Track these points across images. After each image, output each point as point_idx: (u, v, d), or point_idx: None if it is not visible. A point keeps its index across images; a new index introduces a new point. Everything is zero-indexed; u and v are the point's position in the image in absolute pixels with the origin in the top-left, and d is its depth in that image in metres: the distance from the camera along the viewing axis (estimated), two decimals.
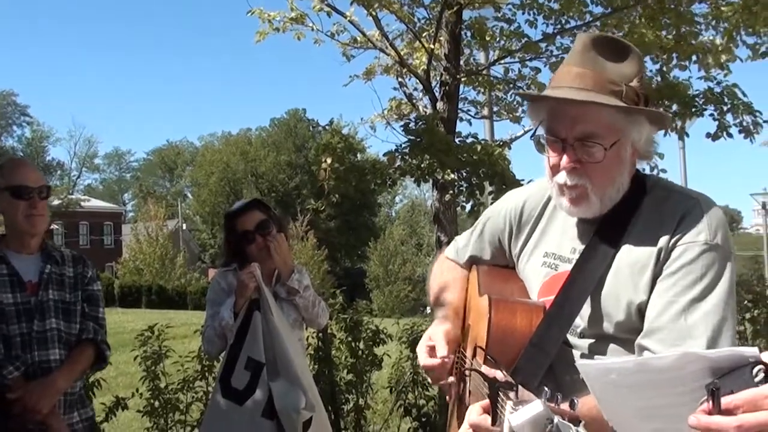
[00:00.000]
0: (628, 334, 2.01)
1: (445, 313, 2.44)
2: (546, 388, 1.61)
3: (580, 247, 2.15)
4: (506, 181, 6.91)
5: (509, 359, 2.05)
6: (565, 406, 1.44)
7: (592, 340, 2.08)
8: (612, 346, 2.05)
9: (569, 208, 2.10)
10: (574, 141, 2.01)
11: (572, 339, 2.10)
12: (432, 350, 2.26)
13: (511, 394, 1.59)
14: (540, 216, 2.31)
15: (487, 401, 1.74)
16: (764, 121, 8.38)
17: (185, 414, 6.73)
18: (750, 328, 10.29)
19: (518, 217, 2.35)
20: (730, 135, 8.22)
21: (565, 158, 2.03)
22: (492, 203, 2.69)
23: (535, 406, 1.52)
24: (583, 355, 2.08)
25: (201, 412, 6.75)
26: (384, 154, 7.44)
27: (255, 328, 3.79)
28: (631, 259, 2.03)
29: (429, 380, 2.19)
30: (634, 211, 2.09)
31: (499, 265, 2.44)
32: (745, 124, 8.19)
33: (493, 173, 6.93)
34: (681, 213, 2.02)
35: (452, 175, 6.96)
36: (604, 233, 2.10)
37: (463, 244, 2.55)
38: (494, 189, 7.02)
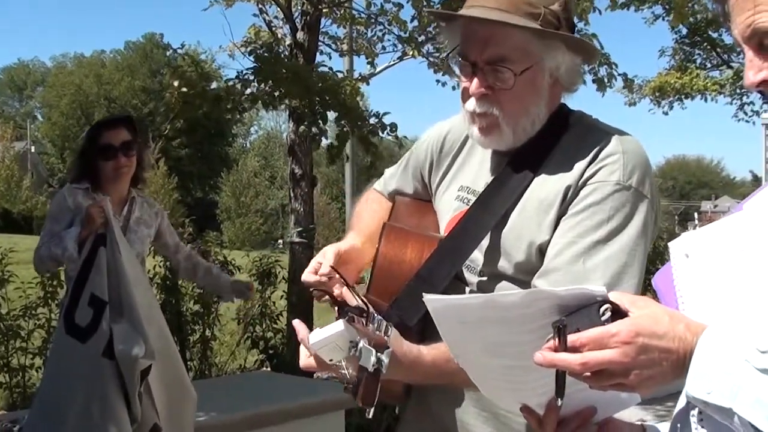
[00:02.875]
0: (526, 275, 1.90)
1: (348, 236, 2.26)
2: (374, 313, 1.59)
3: (491, 179, 2.03)
4: (354, 114, 6.89)
5: (394, 291, 1.96)
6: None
7: (486, 278, 1.99)
8: (504, 285, 1.95)
9: (479, 137, 1.97)
10: (484, 65, 1.88)
11: (468, 276, 2.01)
12: (318, 267, 2.07)
13: (363, 320, 1.55)
14: (460, 148, 2.17)
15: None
16: (619, 74, 8.61)
17: (27, 341, 6.61)
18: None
19: (439, 148, 2.21)
20: (583, 82, 8.39)
21: (474, 83, 1.90)
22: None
23: (335, 327, 1.51)
24: (472, 293, 1.99)
25: (43, 339, 6.59)
26: (226, 81, 7.32)
27: (100, 264, 3.65)
28: (539, 197, 1.92)
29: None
30: (551, 146, 1.96)
31: (421, 199, 2.30)
32: (600, 75, 8.36)
33: (336, 102, 6.86)
34: (596, 151, 1.89)
35: (295, 102, 6.86)
36: (516, 167, 1.97)
37: (389, 176, 2.40)
38: (341, 119, 6.96)
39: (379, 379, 1.49)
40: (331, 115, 7.08)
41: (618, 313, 1.29)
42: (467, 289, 2.01)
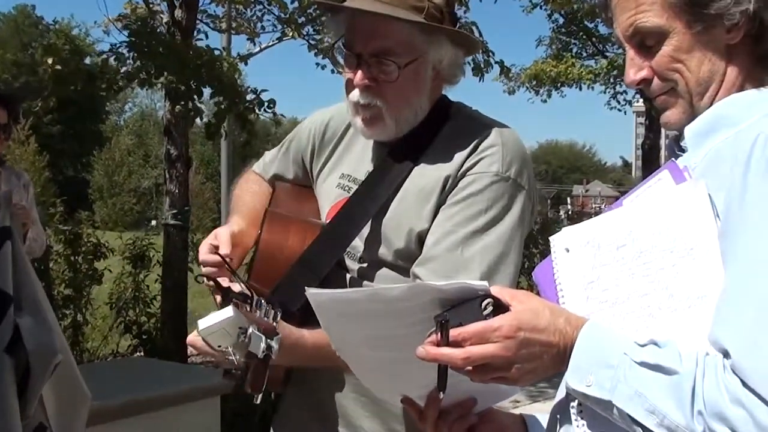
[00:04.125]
0: (406, 262, 1.94)
1: (234, 219, 2.23)
2: (261, 300, 1.58)
3: (373, 169, 2.05)
4: (232, 90, 6.78)
5: (276, 277, 1.96)
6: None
7: (366, 265, 2.01)
8: (384, 272, 1.98)
9: (363, 129, 1.98)
10: (369, 57, 1.90)
11: (350, 263, 2.03)
12: (215, 249, 2.05)
13: (247, 306, 1.55)
14: (342, 136, 2.17)
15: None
16: (496, 62, 8.74)
17: None
18: None
19: (321, 135, 2.20)
20: (463, 72, 8.44)
21: (359, 75, 1.90)
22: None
23: (224, 313, 1.49)
24: (353, 279, 2.02)
25: None
26: (99, 54, 7.10)
27: (5, 256, 3.46)
28: (418, 186, 1.96)
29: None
30: (431, 137, 1.99)
31: (301, 184, 2.29)
32: (477, 61, 8.46)
33: (213, 77, 6.74)
34: (476, 142, 1.93)
35: (171, 78, 6.70)
36: (397, 157, 2.00)
37: (270, 160, 2.37)
38: (218, 95, 6.83)
39: (268, 365, 1.50)
40: (208, 91, 6.94)
41: (500, 308, 1.31)
42: (348, 276, 2.02)
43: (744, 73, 1.42)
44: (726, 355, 1.18)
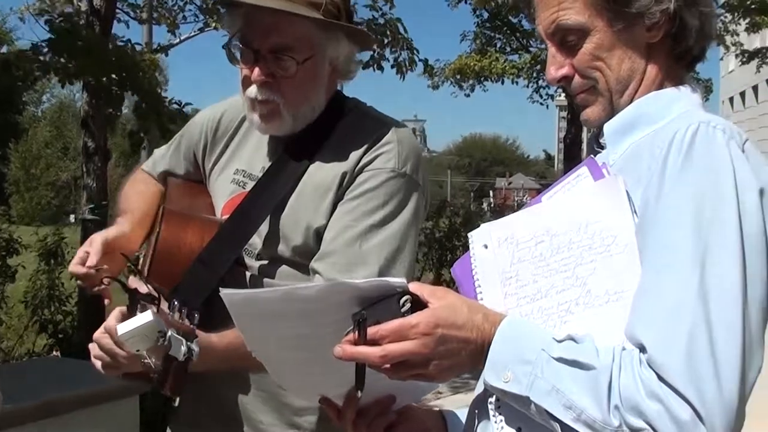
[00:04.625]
0: (305, 258, 1.95)
1: (118, 221, 2.22)
2: (176, 301, 1.56)
3: (269, 165, 2.05)
4: (154, 100, 6.66)
5: (176, 275, 1.93)
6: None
7: (266, 262, 2.01)
8: (284, 269, 1.99)
9: (260, 124, 1.98)
10: (267, 53, 1.90)
11: (249, 260, 2.02)
12: (86, 257, 2.04)
13: (154, 308, 1.52)
14: (236, 131, 2.17)
15: (124, 308, 1.66)
16: (420, 60, 8.78)
17: None
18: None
19: (214, 130, 2.19)
20: (381, 68, 8.45)
21: (256, 71, 1.91)
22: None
23: (145, 317, 1.48)
24: (253, 277, 2.01)
25: None
26: (20, 52, 6.89)
27: None
28: (315, 181, 1.97)
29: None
30: (328, 132, 2.01)
31: (193, 180, 2.27)
32: (400, 59, 8.48)
33: (135, 85, 6.61)
34: (372, 139, 1.96)
35: (90, 79, 6.56)
36: (294, 153, 2.01)
37: (159, 156, 2.34)
38: (141, 104, 6.71)
39: (187, 368, 1.50)
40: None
41: (418, 304, 1.29)
42: (248, 273, 2.02)
43: (663, 71, 1.44)
44: (642, 349, 1.20)
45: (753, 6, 14.29)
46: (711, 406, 1.14)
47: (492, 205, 16.23)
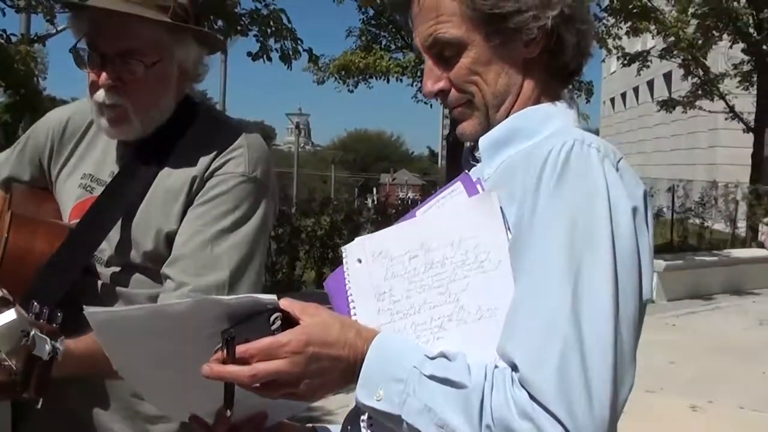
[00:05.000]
0: (156, 264, 1.93)
1: None
2: (35, 302, 1.50)
3: (118, 170, 2.02)
4: (24, 85, 6.41)
5: (25, 281, 1.88)
6: None
7: (118, 269, 1.97)
8: (137, 277, 1.96)
9: (108, 129, 1.94)
10: (115, 57, 1.87)
11: (99, 267, 1.98)
12: None
13: (17, 306, 1.46)
14: (83, 135, 2.12)
15: None
16: (304, 50, 8.79)
17: None
18: (275, 246, 10.94)
19: (61, 134, 2.14)
20: (269, 59, 8.46)
21: (104, 75, 1.87)
22: None
23: (8, 316, 1.42)
24: (104, 285, 1.97)
25: None
26: None
27: None
28: (166, 186, 1.95)
29: None
30: (177, 137, 1.99)
31: (38, 186, 2.20)
32: (285, 49, 8.47)
33: (9, 76, 6.34)
34: (223, 143, 1.96)
35: None
36: (144, 157, 1.98)
37: (2, 161, 2.25)
38: (15, 95, 6.45)
39: (51, 368, 1.45)
40: None
41: (289, 321, 1.27)
42: (99, 282, 1.99)
43: (540, 86, 1.45)
44: (514, 368, 1.19)
45: (635, 10, 14.78)
46: (582, 425, 1.14)
47: (374, 202, 16.19)
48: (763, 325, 9.42)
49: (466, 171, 1.45)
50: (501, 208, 1.30)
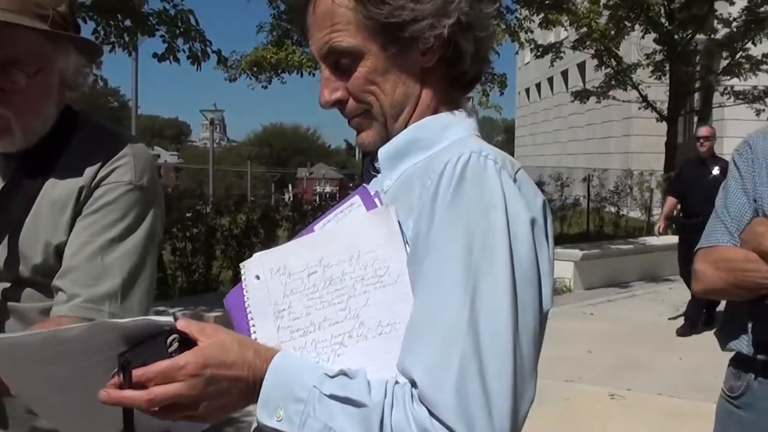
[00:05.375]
0: (47, 278, 1.88)
1: None
2: None
3: (1, 184, 1.96)
4: None
5: None
6: None
7: (8, 285, 1.91)
8: (28, 291, 1.91)
9: None
10: None
11: None
12: None
13: None
14: None
15: None
16: (213, 51, 8.69)
17: None
18: (190, 247, 10.76)
19: None
20: (177, 59, 8.34)
21: None
22: None
23: None
24: None
25: None
26: None
27: None
28: (52, 198, 1.90)
29: None
30: (61, 147, 1.95)
31: None
32: (194, 50, 8.35)
33: None
34: (108, 153, 1.93)
35: None
36: (27, 170, 1.94)
37: None
38: None
39: None
40: None
41: (186, 343, 1.24)
42: None
43: (439, 96, 1.43)
44: (414, 384, 1.18)
45: (547, 2, 14.93)
46: None
47: (289, 199, 15.99)
48: (679, 311, 9.57)
49: (365, 184, 1.43)
50: (399, 222, 1.29)
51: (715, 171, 8.78)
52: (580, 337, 8.88)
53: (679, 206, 9.57)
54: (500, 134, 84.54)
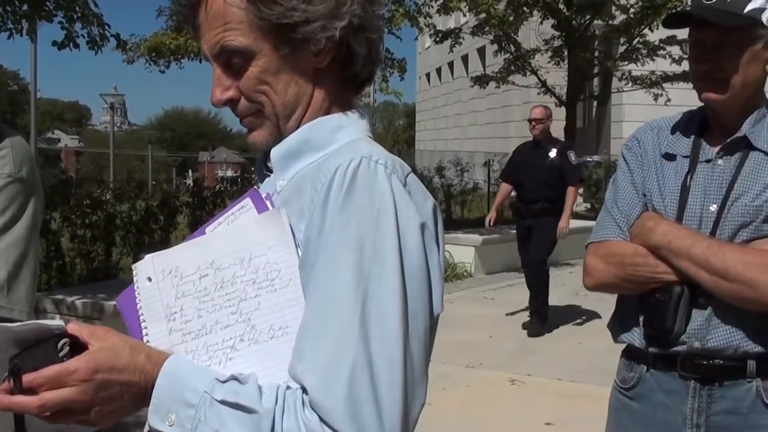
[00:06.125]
0: None
1: None
2: None
3: None
4: None
5: None
6: None
7: None
8: None
9: None
10: None
11: None
12: None
13: None
14: None
15: None
16: (112, 35, 8.51)
17: None
18: (89, 234, 10.54)
19: None
20: (77, 45, 8.14)
21: None
22: None
23: None
24: None
25: None
26: None
27: None
28: None
29: None
30: None
31: None
32: (93, 35, 8.17)
33: None
34: None
35: None
36: None
37: None
38: None
39: None
40: None
41: (77, 347, 1.23)
42: None
43: (331, 96, 1.43)
44: (305, 390, 1.19)
45: None
46: None
47: (189, 185, 15.69)
48: (579, 295, 9.62)
49: (256, 187, 1.43)
50: (291, 225, 1.30)
51: (552, 153, 8.44)
52: (481, 322, 8.95)
53: (514, 193, 9.16)
54: (401, 119, 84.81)
